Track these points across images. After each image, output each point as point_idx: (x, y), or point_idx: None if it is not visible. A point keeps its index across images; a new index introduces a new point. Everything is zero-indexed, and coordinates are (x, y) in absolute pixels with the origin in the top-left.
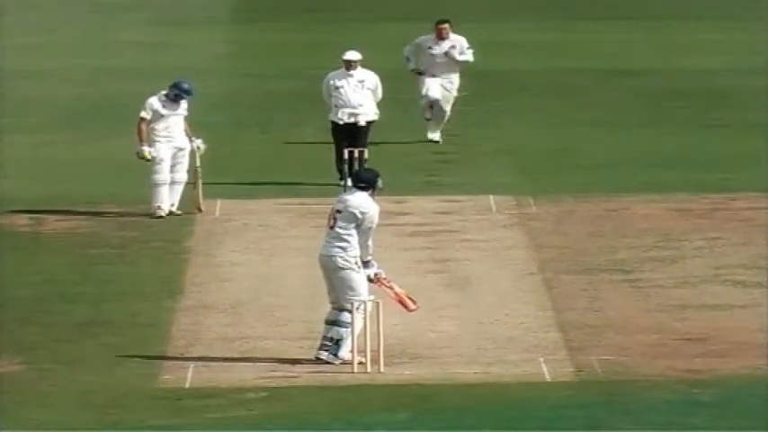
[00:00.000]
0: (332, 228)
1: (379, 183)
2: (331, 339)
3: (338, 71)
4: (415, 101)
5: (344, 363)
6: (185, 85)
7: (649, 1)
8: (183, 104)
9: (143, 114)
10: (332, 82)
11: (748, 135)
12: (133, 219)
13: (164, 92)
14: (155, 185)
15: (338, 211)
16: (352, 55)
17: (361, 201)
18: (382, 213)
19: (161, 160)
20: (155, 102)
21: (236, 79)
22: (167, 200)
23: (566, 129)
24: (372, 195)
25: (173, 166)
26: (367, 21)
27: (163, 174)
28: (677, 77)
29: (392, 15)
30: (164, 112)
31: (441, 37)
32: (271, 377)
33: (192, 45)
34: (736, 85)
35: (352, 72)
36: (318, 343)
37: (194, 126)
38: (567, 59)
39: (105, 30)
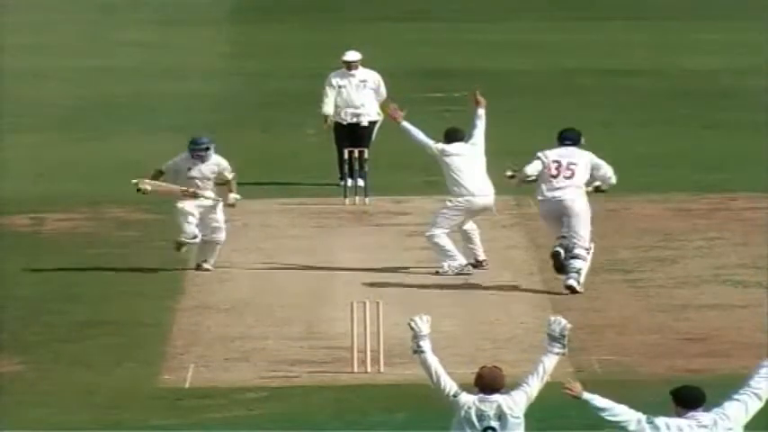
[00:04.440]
0: (569, 177)
1: (582, 140)
2: (578, 271)
3: (340, 71)
4: (413, 100)
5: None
6: (197, 138)
7: (649, 1)
8: (210, 163)
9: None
10: (334, 81)
11: (748, 135)
12: (133, 219)
13: None
14: (184, 240)
15: (573, 164)
16: (351, 55)
17: (585, 154)
18: (382, 213)
19: (185, 216)
20: (178, 158)
21: (237, 79)
22: (197, 232)
23: None
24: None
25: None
26: (367, 21)
27: (188, 228)
28: (677, 77)
29: (392, 15)
30: (191, 174)
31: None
32: (271, 377)
33: (192, 45)
34: (736, 85)
35: (353, 72)
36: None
37: (193, 126)
38: (567, 59)
39: (105, 30)
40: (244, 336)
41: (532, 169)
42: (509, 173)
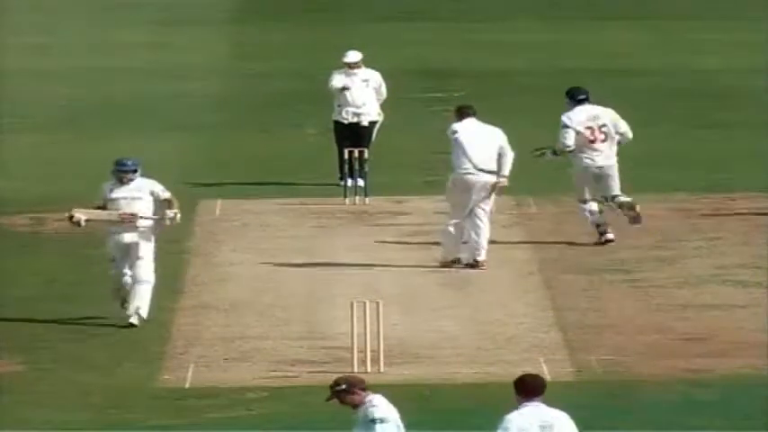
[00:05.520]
0: (604, 141)
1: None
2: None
3: (342, 70)
4: (413, 100)
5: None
6: (122, 160)
7: (649, 1)
8: (138, 184)
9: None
10: (337, 78)
11: (748, 135)
12: None
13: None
14: (112, 287)
15: (603, 125)
16: (353, 56)
17: (607, 110)
18: (382, 213)
19: (113, 258)
20: (105, 185)
21: (236, 79)
22: (131, 302)
23: None
24: None
25: (131, 266)
26: (367, 21)
27: (117, 272)
28: (677, 77)
29: (392, 15)
30: (111, 195)
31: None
32: (271, 377)
33: (192, 45)
34: (736, 85)
35: (356, 71)
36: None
37: (193, 126)
38: (567, 59)
39: (105, 30)
40: (244, 336)
41: (570, 139)
42: (537, 153)
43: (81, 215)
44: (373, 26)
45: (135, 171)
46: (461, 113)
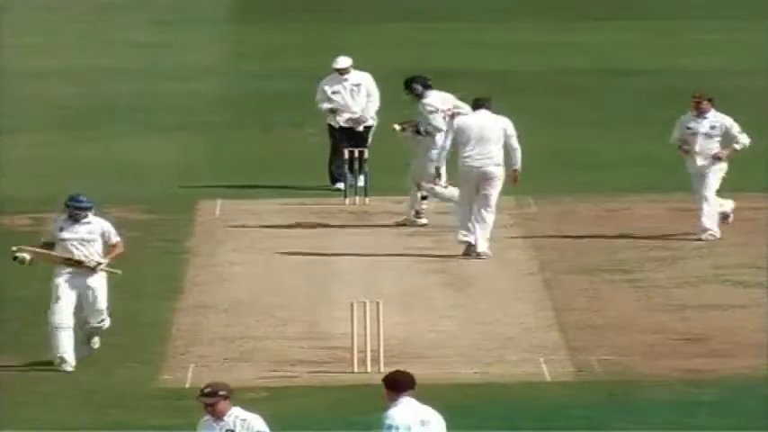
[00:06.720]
0: None
1: None
2: None
3: (332, 76)
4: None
5: None
6: (76, 196)
7: (650, 1)
8: (90, 225)
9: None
10: (326, 88)
11: (748, 135)
12: (133, 219)
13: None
14: (52, 329)
15: (450, 108)
16: (342, 62)
17: None
18: (382, 213)
19: (57, 298)
20: (55, 221)
21: (236, 79)
22: (71, 348)
23: (566, 129)
24: None
25: (82, 309)
26: (367, 21)
27: (59, 314)
28: (677, 77)
29: (392, 15)
30: (62, 234)
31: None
32: (271, 377)
33: (192, 45)
34: (736, 85)
35: (346, 77)
36: None
37: (193, 126)
38: (567, 59)
39: (105, 30)
40: (244, 336)
41: (441, 122)
42: (399, 128)
43: (26, 254)
44: (373, 26)
45: (89, 209)
46: (475, 105)
